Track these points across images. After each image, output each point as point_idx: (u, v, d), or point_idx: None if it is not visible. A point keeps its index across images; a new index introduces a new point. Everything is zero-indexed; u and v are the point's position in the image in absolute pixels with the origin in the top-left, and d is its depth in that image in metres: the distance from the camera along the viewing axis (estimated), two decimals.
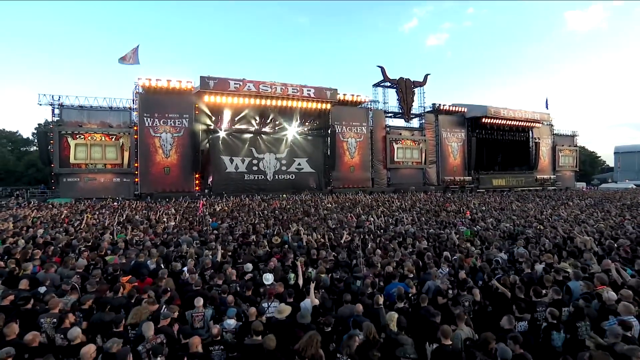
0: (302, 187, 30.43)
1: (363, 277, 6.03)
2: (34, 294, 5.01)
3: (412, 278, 6.25)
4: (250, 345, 3.87)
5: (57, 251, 8.04)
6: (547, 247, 8.74)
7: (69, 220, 13.10)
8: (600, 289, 5.44)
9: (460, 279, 5.82)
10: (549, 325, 4.52)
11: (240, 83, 27.22)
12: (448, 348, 3.82)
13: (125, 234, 10.19)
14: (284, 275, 6.04)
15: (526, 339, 4.45)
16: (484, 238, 9.80)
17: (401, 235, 10.10)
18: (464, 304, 5.32)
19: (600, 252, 8.20)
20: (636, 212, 16.15)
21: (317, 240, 8.83)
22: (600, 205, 20.21)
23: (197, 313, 4.71)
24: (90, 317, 4.60)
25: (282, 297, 5.13)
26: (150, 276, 6.29)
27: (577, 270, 6.23)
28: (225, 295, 5.09)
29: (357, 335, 3.86)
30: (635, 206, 19.40)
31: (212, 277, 6.03)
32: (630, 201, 22.34)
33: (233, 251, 8.18)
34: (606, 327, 4.27)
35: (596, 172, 78.31)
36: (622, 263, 7.08)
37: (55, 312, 4.44)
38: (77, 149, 24.90)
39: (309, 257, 7.35)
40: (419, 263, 7.32)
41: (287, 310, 4.43)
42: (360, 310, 4.56)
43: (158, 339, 3.84)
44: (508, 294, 5.54)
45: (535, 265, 7.05)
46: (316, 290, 5.42)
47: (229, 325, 4.32)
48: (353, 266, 6.99)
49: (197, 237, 9.93)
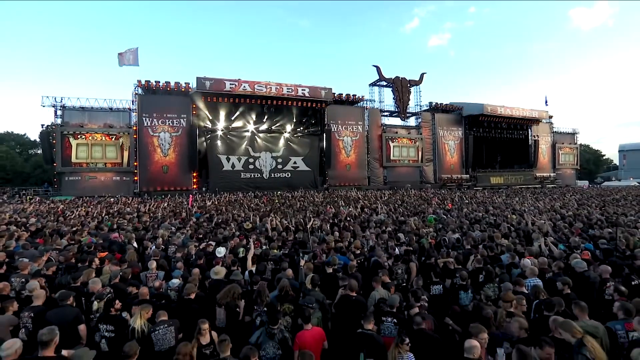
0: (298, 185, 30.92)
1: (310, 251, 6.62)
2: (8, 262, 5.69)
3: (359, 255, 6.82)
4: (186, 299, 4.48)
5: (44, 234, 8.75)
6: (503, 230, 9.21)
7: (62, 212, 13.88)
8: (527, 259, 5.95)
9: (397, 254, 6.35)
10: (458, 286, 5.06)
11: (236, 83, 27.95)
12: (352, 297, 4.38)
13: (111, 222, 10.90)
14: (236, 250, 6.68)
15: (440, 299, 5.04)
16: (446, 223, 10.32)
17: (367, 221, 10.68)
18: (396, 272, 5.88)
19: (551, 233, 8.71)
20: (614, 205, 16.45)
21: (284, 225, 9.45)
22: (585, 199, 20.45)
23: (151, 274, 5.39)
24: (54, 280, 5.27)
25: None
26: (119, 252, 6.95)
27: (509, 244, 6.76)
28: (176, 262, 5.74)
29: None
30: (619, 200, 19.63)
31: (175, 252, 6.68)
32: (619, 196, 22.52)
33: (204, 234, 8.83)
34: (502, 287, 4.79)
35: (601, 171, 77.56)
36: (558, 240, 7.62)
37: (24, 273, 5.10)
38: (79, 149, 25.90)
39: (267, 238, 8.01)
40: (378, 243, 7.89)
41: (222, 271, 5.09)
42: (290, 274, 5.15)
43: (105, 290, 4.48)
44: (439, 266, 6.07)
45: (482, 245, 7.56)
46: (267, 262, 6.06)
47: (173, 284, 4.95)
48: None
49: (177, 224, 10.59)
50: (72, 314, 3.93)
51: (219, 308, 4.33)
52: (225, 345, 3.10)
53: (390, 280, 5.25)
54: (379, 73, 37.02)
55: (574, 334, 3.05)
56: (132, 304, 4.19)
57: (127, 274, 5.20)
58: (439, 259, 6.20)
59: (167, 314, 3.81)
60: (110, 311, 3.98)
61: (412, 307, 4.12)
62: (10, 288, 4.75)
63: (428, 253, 6.65)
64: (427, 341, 3.50)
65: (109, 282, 5.07)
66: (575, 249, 6.87)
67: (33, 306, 4.06)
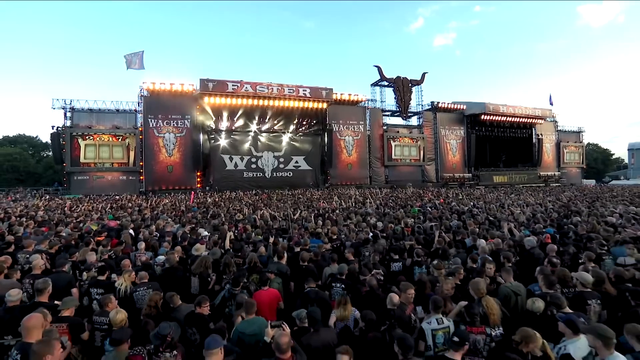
0: (300, 184, 31.51)
1: (289, 236, 7.22)
2: (15, 243, 6.39)
3: (335, 240, 7.38)
4: (168, 267, 5.09)
5: (50, 223, 9.48)
6: (480, 220, 9.67)
7: (69, 207, 14.69)
8: (482, 240, 6.45)
9: (363, 239, 6.88)
10: (413, 262, 5.59)
11: (238, 84, 28.69)
12: (303, 266, 4.99)
13: (113, 215, 11.62)
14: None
15: (398, 274, 5.57)
16: (427, 214, 10.82)
17: (354, 212, 11.25)
18: (363, 253, 6.41)
19: (524, 222, 9.21)
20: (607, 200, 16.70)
21: (271, 215, 10.07)
22: (582, 195, 20.68)
23: (139, 253, 6.00)
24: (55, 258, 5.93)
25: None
26: (116, 238, 7.61)
27: (474, 228, 7.26)
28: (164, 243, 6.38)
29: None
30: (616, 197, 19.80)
31: (163, 236, 7.34)
32: (616, 192, 22.65)
33: (196, 223, 9.49)
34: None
35: (611, 170, 76.66)
36: (526, 227, 8.11)
37: (29, 250, 5.78)
38: (87, 149, 26.92)
39: (253, 226, 8.67)
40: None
41: (201, 249, 5.73)
42: (263, 251, 5.74)
43: (97, 263, 5.12)
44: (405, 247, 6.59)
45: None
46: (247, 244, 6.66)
47: (159, 260, 5.57)
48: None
49: (173, 216, 11.27)
50: (66, 279, 4.57)
51: (194, 277, 4.93)
52: (175, 297, 3.70)
53: (354, 258, 5.78)
54: (380, 73, 37.44)
55: (477, 293, 3.59)
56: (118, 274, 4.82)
57: (118, 252, 5.84)
58: (406, 242, 6.71)
59: (148, 277, 4.41)
60: (100, 278, 4.60)
61: (364, 275, 4.65)
62: (16, 263, 5.43)
63: (398, 237, 7.17)
64: (371, 300, 4.04)
65: (100, 257, 5.70)
66: (540, 234, 7.35)
67: (32, 274, 4.71)
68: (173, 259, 5.06)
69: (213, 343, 2.52)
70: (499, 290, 4.15)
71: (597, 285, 3.95)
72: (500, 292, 4.10)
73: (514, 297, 4.01)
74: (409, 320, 3.44)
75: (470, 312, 3.31)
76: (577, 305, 3.73)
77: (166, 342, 2.75)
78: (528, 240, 5.84)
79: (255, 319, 3.41)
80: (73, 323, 3.46)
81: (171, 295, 3.80)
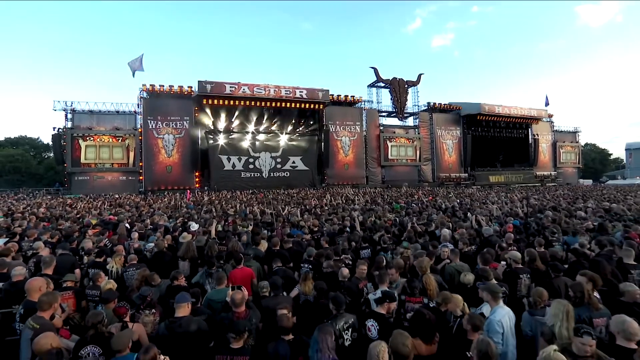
0: (297, 184, 32.00)
1: (274, 228, 7.80)
2: (21, 234, 6.98)
3: (316, 231, 7.95)
4: (158, 251, 5.66)
5: (51, 218, 10.07)
6: (459, 215, 10.23)
7: (70, 205, 15.28)
8: (446, 230, 7.00)
9: (338, 229, 7.44)
10: (381, 248, 6.15)
11: (235, 86, 29.26)
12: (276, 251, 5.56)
13: (111, 212, 12.20)
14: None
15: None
16: (409, 209, 11.39)
17: (341, 208, 11.84)
18: (338, 241, 6.96)
19: (497, 215, 9.80)
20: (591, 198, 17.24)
21: (261, 211, 10.65)
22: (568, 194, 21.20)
23: (133, 242, 6.55)
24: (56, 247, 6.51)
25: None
26: (112, 230, 8.20)
27: (443, 219, 7.82)
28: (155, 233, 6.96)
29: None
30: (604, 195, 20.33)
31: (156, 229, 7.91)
32: (606, 191, 23.16)
33: (189, 217, 10.06)
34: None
35: (609, 170, 77.00)
36: (496, 220, 8.68)
37: (32, 238, 6.36)
38: (87, 150, 27.56)
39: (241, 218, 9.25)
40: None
41: (188, 237, 6.25)
42: (245, 239, 6.31)
43: (95, 249, 5.70)
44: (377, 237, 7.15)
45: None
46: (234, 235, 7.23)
47: (149, 246, 6.13)
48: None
49: (169, 212, 11.84)
50: (70, 261, 5.14)
51: (183, 262, 5.49)
52: (155, 276, 4.29)
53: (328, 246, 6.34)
54: (376, 74, 38.00)
55: (420, 270, 4.14)
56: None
57: (114, 241, 6.41)
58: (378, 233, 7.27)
59: (137, 259, 4.98)
60: (97, 260, 5.18)
61: (329, 259, 5.21)
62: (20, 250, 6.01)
63: (373, 229, 7.73)
64: (330, 277, 4.59)
65: (97, 246, 6.27)
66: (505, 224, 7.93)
67: (38, 255, 5.28)
68: (162, 244, 5.63)
69: (182, 298, 3.09)
70: (445, 268, 4.71)
71: (530, 262, 4.52)
72: (446, 270, 4.66)
73: (457, 275, 4.56)
74: (358, 290, 4.00)
75: (410, 285, 3.86)
76: (511, 278, 4.30)
77: (146, 301, 3.31)
78: (486, 229, 6.43)
79: (223, 289, 3.96)
80: (77, 290, 4.10)
81: (151, 274, 4.33)
